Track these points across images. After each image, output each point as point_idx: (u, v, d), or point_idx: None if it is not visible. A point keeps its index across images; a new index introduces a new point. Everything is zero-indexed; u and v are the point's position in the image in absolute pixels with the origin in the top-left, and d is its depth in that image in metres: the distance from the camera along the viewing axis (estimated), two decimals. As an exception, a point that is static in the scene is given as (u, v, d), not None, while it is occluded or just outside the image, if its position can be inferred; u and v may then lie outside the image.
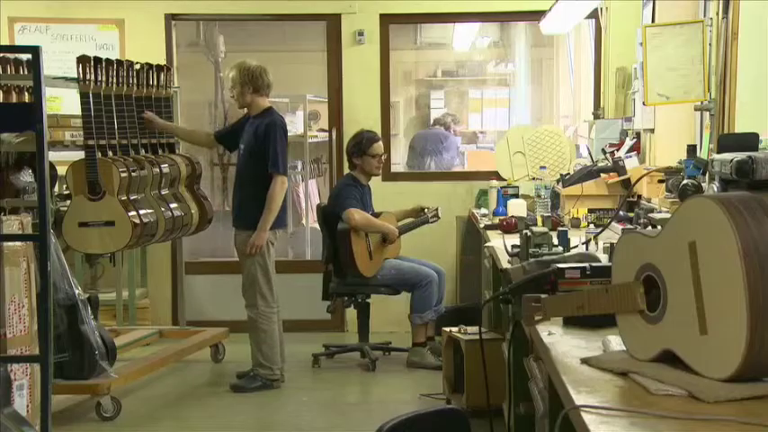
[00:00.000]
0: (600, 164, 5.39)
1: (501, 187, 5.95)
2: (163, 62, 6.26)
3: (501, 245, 3.86)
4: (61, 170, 5.42)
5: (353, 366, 6.03)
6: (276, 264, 5.61)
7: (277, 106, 8.58)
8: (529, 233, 3.37)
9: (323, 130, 7.83)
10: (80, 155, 5.24)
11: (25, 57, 5.26)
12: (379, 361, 6.03)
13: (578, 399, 1.67)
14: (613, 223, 4.29)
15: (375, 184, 6.33)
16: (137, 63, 5.58)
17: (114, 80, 5.27)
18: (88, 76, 5.11)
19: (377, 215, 6.06)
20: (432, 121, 9.24)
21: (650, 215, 3.94)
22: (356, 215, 5.83)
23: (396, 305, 6.51)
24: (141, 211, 5.27)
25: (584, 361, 1.94)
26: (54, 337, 4.11)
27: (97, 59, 5.18)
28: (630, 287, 1.90)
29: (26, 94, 5.42)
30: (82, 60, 5.11)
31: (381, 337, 6.48)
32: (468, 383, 4.60)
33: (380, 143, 6.14)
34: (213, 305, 7.04)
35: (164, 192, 5.61)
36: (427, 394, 5.22)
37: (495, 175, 6.80)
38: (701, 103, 4.21)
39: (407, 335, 6.16)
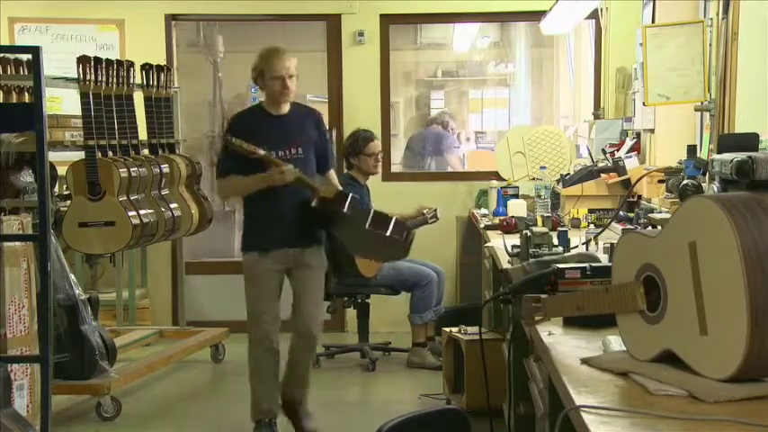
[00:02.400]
0: (600, 164, 5.39)
1: (501, 187, 5.95)
2: (163, 62, 6.26)
3: (501, 245, 3.86)
4: (61, 170, 5.42)
5: (354, 366, 6.03)
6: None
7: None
8: (529, 233, 3.37)
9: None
10: (80, 155, 5.24)
11: (25, 57, 5.26)
12: (378, 361, 6.03)
13: (578, 399, 1.67)
14: (613, 223, 4.29)
15: (375, 184, 6.33)
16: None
17: (114, 80, 5.27)
18: (88, 77, 5.11)
19: None
20: (428, 121, 9.23)
21: (650, 215, 3.94)
22: None
23: (395, 305, 6.50)
24: (141, 212, 5.27)
25: (585, 361, 1.94)
26: (54, 338, 4.11)
27: (97, 60, 5.18)
28: (631, 287, 1.90)
29: (26, 94, 5.42)
30: (82, 60, 5.11)
31: (381, 337, 6.48)
32: (468, 383, 4.60)
33: (377, 142, 6.08)
34: (213, 305, 7.04)
35: (164, 192, 5.60)
36: (427, 394, 5.22)
37: (495, 175, 6.80)
38: (701, 103, 4.21)
39: (407, 335, 6.16)
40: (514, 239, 3.71)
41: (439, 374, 5.25)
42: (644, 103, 4.58)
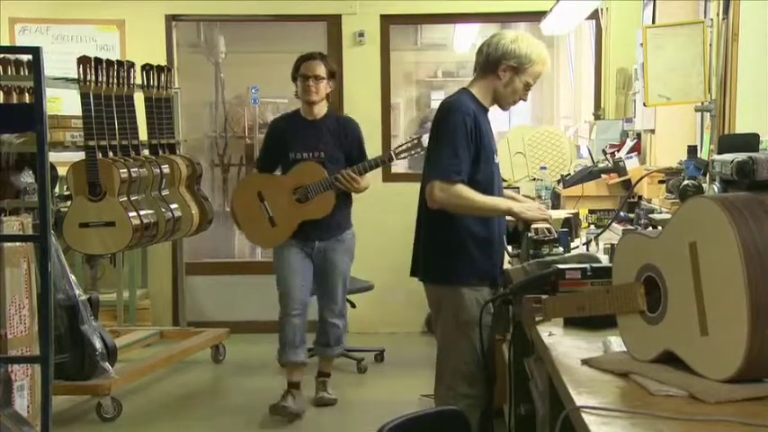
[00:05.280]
0: (600, 164, 5.38)
1: (501, 188, 5.93)
2: (163, 63, 6.26)
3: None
4: (62, 171, 5.42)
5: (352, 367, 6.02)
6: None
7: (277, 106, 8.63)
8: (530, 234, 3.37)
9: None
10: (80, 155, 5.25)
11: (26, 57, 5.26)
12: (379, 362, 6.03)
13: (579, 399, 1.67)
14: (614, 224, 4.29)
15: (375, 185, 6.30)
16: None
17: (115, 81, 5.27)
18: (89, 77, 5.11)
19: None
20: (422, 120, 9.21)
21: (651, 216, 3.94)
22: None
23: (394, 304, 6.50)
24: (142, 212, 5.27)
25: (585, 362, 1.95)
26: (54, 338, 4.11)
27: (98, 60, 5.18)
28: (631, 288, 1.90)
29: (27, 94, 5.42)
30: (82, 61, 5.11)
31: (380, 338, 6.47)
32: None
33: (311, 63, 5.03)
34: (214, 306, 7.04)
35: (164, 192, 5.60)
36: (428, 395, 5.20)
37: (496, 175, 6.79)
38: (702, 103, 4.20)
39: (408, 336, 6.13)
40: (515, 240, 3.70)
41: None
42: (644, 104, 4.57)
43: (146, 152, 5.66)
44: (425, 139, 4.61)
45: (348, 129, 5.03)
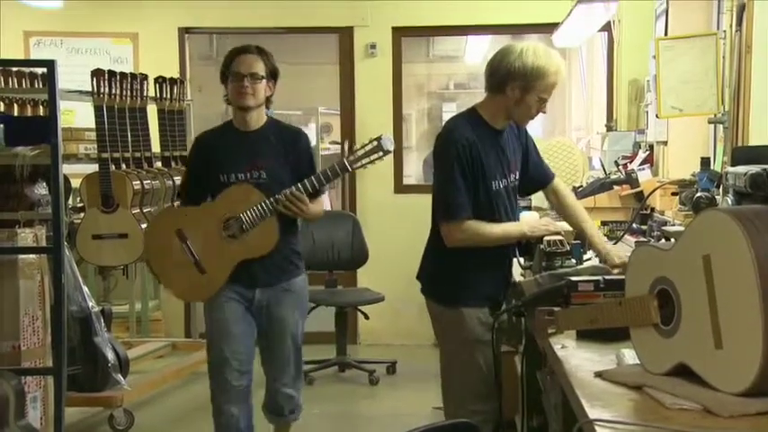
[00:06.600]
0: (613, 176, 5.37)
1: (513, 200, 5.92)
2: (176, 75, 6.29)
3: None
4: (75, 183, 5.45)
5: (364, 378, 6.01)
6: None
7: (289, 119, 8.66)
8: (542, 246, 3.36)
9: (335, 143, 7.84)
10: (94, 168, 5.27)
11: (40, 70, 5.29)
12: (391, 374, 6.02)
13: (592, 412, 1.67)
14: (626, 236, 4.28)
15: (387, 197, 6.31)
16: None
17: (128, 93, 5.30)
18: (102, 90, 5.14)
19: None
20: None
21: (664, 228, 3.93)
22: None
23: (406, 316, 6.48)
24: (154, 224, 5.29)
25: (598, 374, 1.94)
26: (67, 350, 4.12)
27: (111, 73, 5.21)
28: (644, 300, 1.89)
29: (41, 107, 5.45)
30: (96, 74, 5.14)
31: (393, 350, 6.45)
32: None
33: (245, 57, 3.83)
34: (226, 317, 7.03)
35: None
36: (440, 407, 5.18)
37: (508, 187, 6.78)
38: (715, 115, 4.20)
39: (420, 348, 6.11)
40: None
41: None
42: (657, 116, 4.57)
43: (158, 164, 5.69)
44: (387, 141, 3.78)
45: (294, 140, 3.88)
